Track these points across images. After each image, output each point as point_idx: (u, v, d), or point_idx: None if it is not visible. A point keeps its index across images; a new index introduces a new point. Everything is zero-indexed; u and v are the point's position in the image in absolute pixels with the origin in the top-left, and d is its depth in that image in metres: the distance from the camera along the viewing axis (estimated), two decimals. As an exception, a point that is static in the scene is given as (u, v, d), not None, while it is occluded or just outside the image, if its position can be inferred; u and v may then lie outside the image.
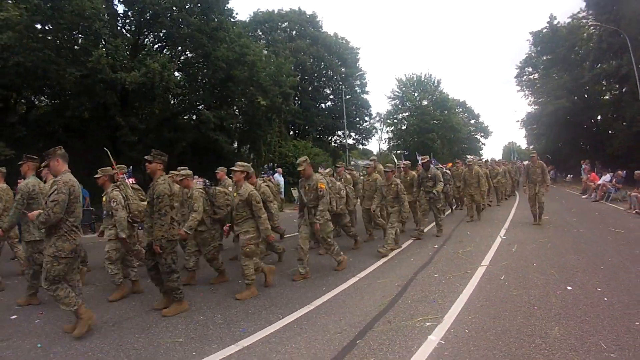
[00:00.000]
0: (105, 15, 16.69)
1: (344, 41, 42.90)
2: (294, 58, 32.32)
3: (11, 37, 13.83)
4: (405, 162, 11.75)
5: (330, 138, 44.31)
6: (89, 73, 15.58)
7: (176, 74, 19.92)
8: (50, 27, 15.81)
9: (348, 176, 10.05)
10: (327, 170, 8.95)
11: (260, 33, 38.63)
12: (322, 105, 42.90)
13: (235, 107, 23.42)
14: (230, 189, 7.06)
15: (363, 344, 3.98)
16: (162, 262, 5.03)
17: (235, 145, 24.57)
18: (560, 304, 4.86)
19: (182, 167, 7.33)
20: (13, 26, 13.83)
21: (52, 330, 4.75)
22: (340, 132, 43.46)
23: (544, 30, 36.89)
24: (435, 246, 8.67)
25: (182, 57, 21.64)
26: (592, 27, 30.03)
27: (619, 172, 17.16)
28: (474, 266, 6.75)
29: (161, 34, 20.20)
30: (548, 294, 5.25)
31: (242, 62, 20.56)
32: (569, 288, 5.43)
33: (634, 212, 12.49)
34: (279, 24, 39.63)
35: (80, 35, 16.57)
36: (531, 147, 50.00)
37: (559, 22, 36.08)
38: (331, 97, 43.19)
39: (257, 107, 21.47)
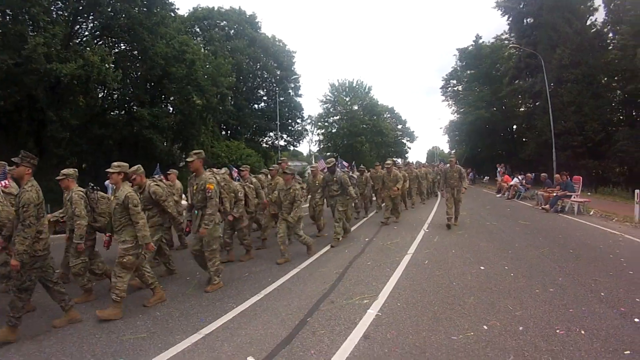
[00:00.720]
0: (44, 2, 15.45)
1: (281, 44, 43.20)
2: (232, 58, 32.08)
3: None
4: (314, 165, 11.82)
5: (261, 139, 44.36)
6: (22, 62, 14.50)
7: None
8: None
9: (254, 179, 8.92)
10: (223, 170, 8.20)
11: (197, 30, 37.96)
12: (256, 106, 42.95)
13: (169, 105, 22.81)
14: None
15: (312, 320, 4.50)
16: (17, 278, 4.32)
17: (166, 144, 23.90)
18: (475, 280, 5.77)
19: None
20: None
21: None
22: (271, 134, 43.77)
23: (470, 48, 39.79)
24: (367, 239, 9.35)
25: (116, 50, 20.62)
26: (512, 49, 32.93)
27: (528, 174, 19.53)
28: (401, 254, 7.54)
29: (98, 23, 18.95)
30: (464, 273, 6.16)
31: (180, 60, 19.91)
32: (482, 268, 6.42)
33: (540, 207, 14.33)
34: (218, 21, 39.08)
35: (14, 19, 15.34)
36: (453, 151, 53.73)
37: (483, 41, 39.19)
38: (264, 98, 43.41)
39: (192, 106, 20.91)
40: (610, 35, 29.43)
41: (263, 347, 3.88)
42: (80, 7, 17.43)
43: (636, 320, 4.13)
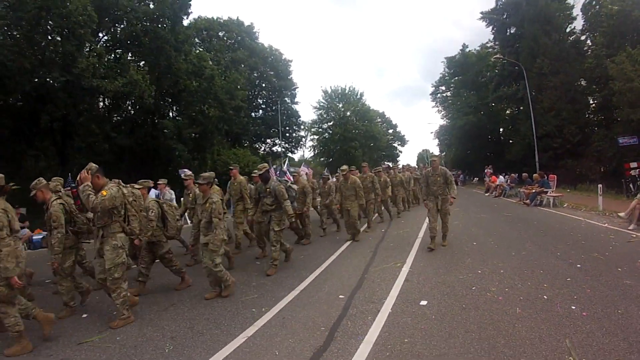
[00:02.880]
0: (93, 25, 17.05)
1: (278, 53, 44.97)
2: (234, 69, 33.73)
3: None
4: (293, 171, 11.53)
5: (260, 145, 46.08)
6: (72, 79, 16.17)
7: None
8: (37, 27, 15.98)
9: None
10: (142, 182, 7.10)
11: (197, 40, 39.22)
12: (253, 114, 44.41)
13: (186, 118, 24.27)
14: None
15: (368, 276, 6.55)
16: None
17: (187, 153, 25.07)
18: (469, 250, 8.02)
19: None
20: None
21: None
22: (269, 140, 45.76)
23: (457, 57, 42.41)
24: (383, 230, 11.42)
25: (144, 66, 22.01)
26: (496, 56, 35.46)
27: (512, 174, 21.81)
28: (413, 238, 9.72)
29: (130, 42, 20.52)
30: (462, 247, 8.43)
31: (199, 75, 21.54)
32: (474, 243, 8.68)
33: (522, 202, 16.63)
34: (218, 32, 40.59)
35: (64, 40, 16.76)
36: (443, 154, 56.29)
37: (469, 49, 41.80)
38: (263, 106, 45.11)
39: (208, 117, 22.51)
40: (588, 42, 32.26)
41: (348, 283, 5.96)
42: (117, 31, 19.11)
43: (578, 266, 6.33)
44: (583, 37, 32.83)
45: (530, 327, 4.09)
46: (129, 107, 22.05)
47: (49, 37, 16.63)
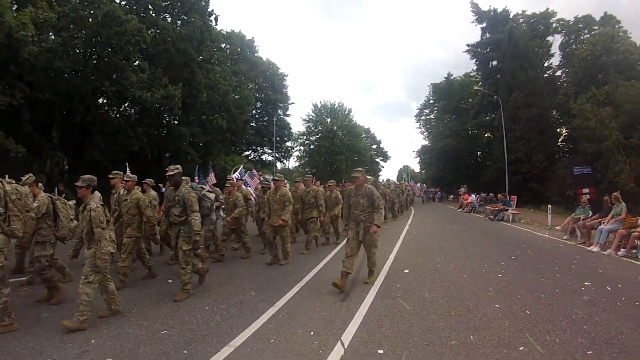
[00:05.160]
0: (142, 43, 19.23)
1: (275, 67, 47.16)
2: (235, 79, 35.46)
3: (55, 42, 16.34)
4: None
5: (251, 154, 47.83)
6: (121, 90, 18.63)
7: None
8: (94, 40, 18.19)
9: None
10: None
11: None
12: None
13: (199, 126, 26.30)
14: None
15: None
16: None
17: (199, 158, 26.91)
18: (438, 247, 10.69)
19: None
20: (58, 29, 16.31)
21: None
22: (259, 149, 47.58)
23: (442, 83, 45.95)
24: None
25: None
26: (477, 88, 38.84)
27: (482, 194, 24.85)
28: (396, 239, 12.21)
29: (163, 58, 22.35)
30: (433, 247, 11.01)
31: (214, 89, 23.98)
32: (442, 243, 11.37)
33: (487, 218, 19.50)
34: (221, 44, 42.57)
35: (112, 53, 18.91)
36: (423, 171, 59.25)
37: (454, 77, 45.20)
38: (256, 116, 46.40)
39: (217, 127, 24.83)
40: (563, 77, 36.09)
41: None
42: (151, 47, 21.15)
43: (513, 257, 9.02)
44: (559, 72, 37.01)
45: (470, 284, 6.70)
46: (165, 116, 24.23)
47: (103, 50, 18.78)
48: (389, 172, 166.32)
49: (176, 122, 24.34)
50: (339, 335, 4.42)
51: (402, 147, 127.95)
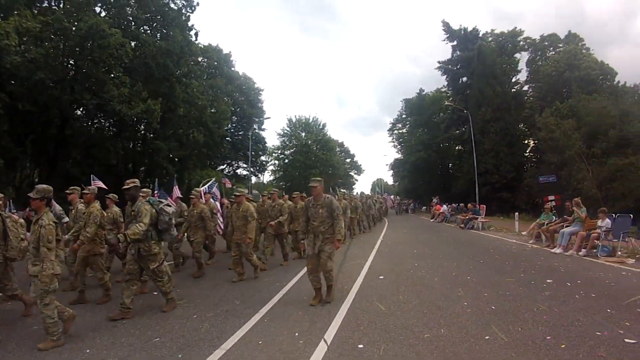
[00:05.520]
0: (127, 57, 19.26)
1: (251, 82, 47.39)
2: (211, 94, 35.18)
3: (39, 53, 16.19)
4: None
5: (226, 168, 47.58)
6: (102, 103, 18.59)
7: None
8: (77, 52, 18.12)
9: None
10: None
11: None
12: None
13: (175, 140, 26.26)
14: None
15: (343, 269, 9.13)
16: None
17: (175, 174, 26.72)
18: (411, 255, 11.11)
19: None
20: (40, 40, 16.22)
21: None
22: (234, 163, 47.61)
23: (414, 99, 47.20)
24: (347, 243, 14.18)
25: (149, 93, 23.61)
26: (447, 103, 40.10)
27: (453, 204, 25.64)
28: (371, 249, 12.59)
29: (143, 72, 22.40)
30: (406, 253, 11.50)
31: (192, 103, 24.07)
32: (415, 251, 11.80)
33: (458, 226, 20.13)
34: (198, 57, 42.60)
35: (93, 66, 18.88)
36: (396, 184, 60.16)
37: (425, 92, 46.56)
38: (232, 130, 46.49)
39: (194, 141, 24.90)
40: (530, 91, 37.78)
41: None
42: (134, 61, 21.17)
43: (481, 261, 9.51)
44: (526, 87, 38.94)
45: (441, 286, 7.12)
46: (141, 130, 24.11)
47: (85, 62, 18.80)
48: (363, 185, 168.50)
49: (152, 135, 24.22)
50: (321, 334, 4.72)
51: (375, 161, 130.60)
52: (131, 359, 4.21)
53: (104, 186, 11.17)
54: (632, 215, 11.21)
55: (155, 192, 11.79)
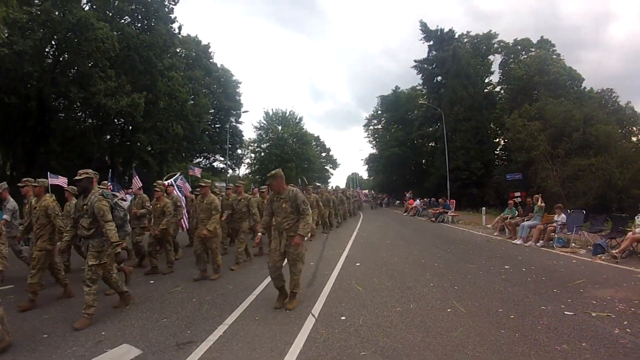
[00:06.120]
0: (112, 51, 19.03)
1: (229, 74, 47.14)
2: (190, 86, 34.48)
3: (26, 45, 16.09)
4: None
5: (202, 161, 47.22)
6: (88, 97, 18.53)
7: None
8: (64, 45, 18.02)
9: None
10: None
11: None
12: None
13: (156, 133, 26.02)
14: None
15: (323, 258, 10.03)
16: None
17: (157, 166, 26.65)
18: (384, 245, 11.93)
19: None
20: (27, 31, 16.10)
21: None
22: (210, 155, 47.46)
23: (389, 96, 48.21)
24: (325, 234, 15.09)
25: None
26: (422, 101, 41.26)
27: (425, 199, 26.74)
28: (348, 240, 13.35)
29: (127, 65, 22.22)
30: (380, 245, 12.27)
31: (172, 97, 24.03)
32: (388, 242, 12.65)
33: (429, 220, 21.14)
34: (176, 49, 41.94)
35: (80, 59, 18.75)
36: (371, 178, 60.95)
37: (401, 90, 47.69)
38: (209, 123, 45.24)
39: (174, 134, 24.92)
40: (502, 92, 39.29)
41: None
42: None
43: (448, 251, 10.37)
44: (498, 88, 40.47)
45: (411, 271, 7.95)
46: (122, 124, 23.93)
47: (73, 55, 18.67)
48: (338, 180, 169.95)
49: (130, 128, 24.19)
50: (309, 309, 5.44)
51: (351, 155, 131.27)
52: (146, 336, 4.63)
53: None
54: (584, 211, 12.37)
55: (109, 184, 11.07)
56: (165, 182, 10.48)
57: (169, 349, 4.24)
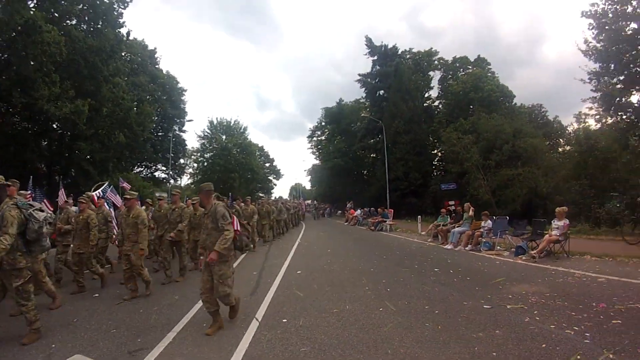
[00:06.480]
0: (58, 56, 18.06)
1: (175, 81, 45.67)
2: (135, 93, 33.42)
3: None
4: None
5: (143, 170, 45.80)
6: (32, 102, 17.60)
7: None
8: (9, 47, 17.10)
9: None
10: None
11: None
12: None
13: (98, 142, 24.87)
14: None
15: (265, 268, 10.31)
16: None
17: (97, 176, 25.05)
18: (325, 254, 12.37)
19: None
20: None
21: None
22: (152, 165, 45.79)
23: (333, 108, 49.24)
24: (268, 244, 15.46)
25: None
26: (364, 114, 42.55)
27: (365, 209, 27.67)
28: (290, 249, 13.80)
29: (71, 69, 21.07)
30: (321, 252, 12.80)
31: (117, 103, 23.27)
32: (329, 250, 13.12)
33: (369, 229, 21.94)
34: (121, 53, 39.84)
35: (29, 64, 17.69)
36: (314, 188, 61.63)
37: (344, 102, 49.07)
38: (152, 131, 44.27)
39: (116, 143, 24.12)
40: (440, 107, 41.41)
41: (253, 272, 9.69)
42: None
43: (384, 257, 10.97)
44: (437, 103, 42.94)
45: (349, 277, 8.42)
46: (61, 131, 22.75)
47: (17, 59, 17.56)
48: (281, 190, 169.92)
49: (69, 134, 23.10)
50: (253, 314, 5.76)
51: (294, 166, 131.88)
52: (96, 346, 4.71)
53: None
54: (508, 217, 13.55)
55: (30, 192, 9.97)
56: (94, 194, 10.11)
57: (121, 357, 4.39)
